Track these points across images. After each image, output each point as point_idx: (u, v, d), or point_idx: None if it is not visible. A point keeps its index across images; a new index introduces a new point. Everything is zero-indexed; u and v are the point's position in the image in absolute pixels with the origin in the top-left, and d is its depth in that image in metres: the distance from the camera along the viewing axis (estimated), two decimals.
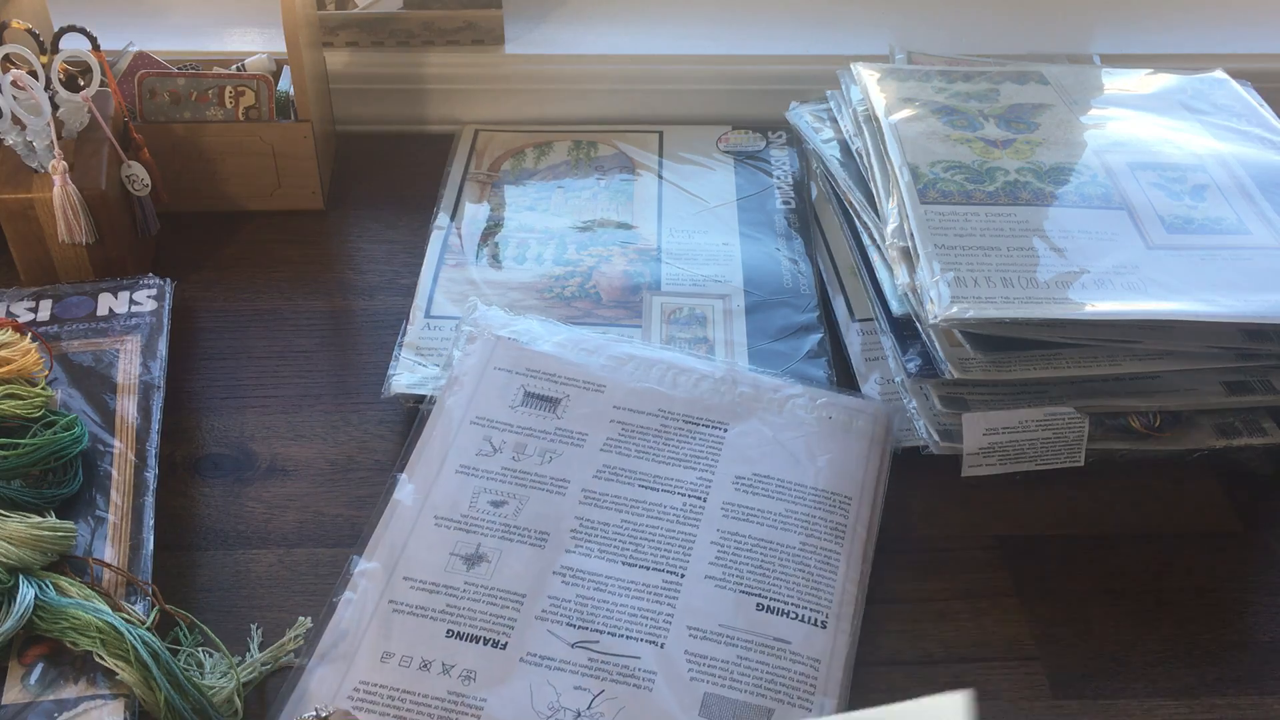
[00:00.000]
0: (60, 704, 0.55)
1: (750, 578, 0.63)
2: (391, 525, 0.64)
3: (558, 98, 1.01)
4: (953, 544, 0.68)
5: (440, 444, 0.68)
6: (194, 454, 0.72)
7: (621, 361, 0.73)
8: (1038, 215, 0.75)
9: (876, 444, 0.70)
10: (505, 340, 0.73)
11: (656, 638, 0.60)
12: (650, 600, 0.62)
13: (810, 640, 0.60)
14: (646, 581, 0.62)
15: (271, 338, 0.80)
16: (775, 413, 0.70)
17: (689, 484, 0.67)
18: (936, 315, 0.67)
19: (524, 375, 0.72)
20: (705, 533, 0.65)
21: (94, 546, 0.61)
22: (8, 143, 0.75)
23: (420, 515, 0.65)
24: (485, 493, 0.66)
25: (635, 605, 0.61)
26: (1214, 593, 0.66)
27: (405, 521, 0.64)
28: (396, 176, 0.97)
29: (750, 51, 1.00)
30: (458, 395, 0.70)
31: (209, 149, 0.87)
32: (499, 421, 0.69)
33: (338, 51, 0.98)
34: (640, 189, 0.93)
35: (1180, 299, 0.68)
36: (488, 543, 0.63)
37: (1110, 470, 0.72)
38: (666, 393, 0.71)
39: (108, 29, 0.86)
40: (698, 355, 0.75)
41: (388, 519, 0.65)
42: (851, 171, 0.84)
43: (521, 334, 0.74)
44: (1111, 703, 0.60)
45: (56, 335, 0.73)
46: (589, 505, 0.66)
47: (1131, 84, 0.91)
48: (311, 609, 0.63)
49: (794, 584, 0.63)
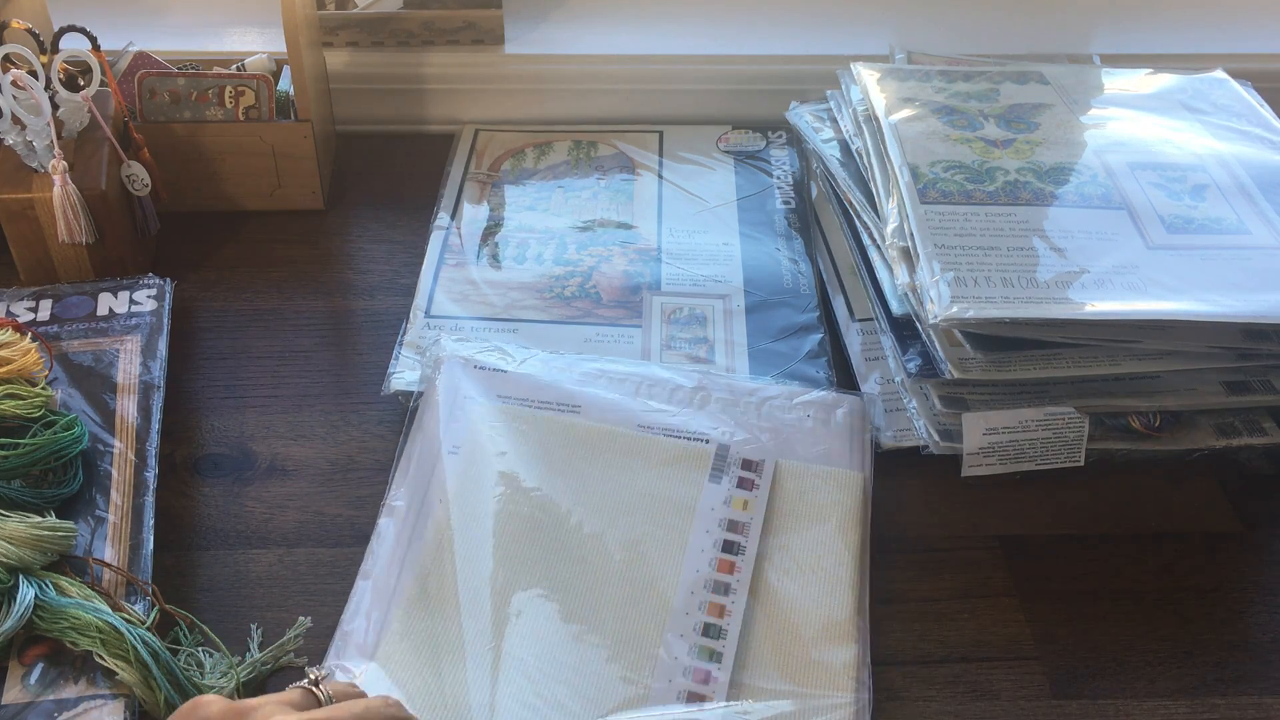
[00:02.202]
0: (60, 704, 0.55)
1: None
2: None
3: (558, 98, 1.01)
4: (953, 544, 0.68)
5: (418, 482, 0.67)
6: (194, 454, 0.72)
7: (593, 377, 0.72)
8: (1038, 215, 0.75)
9: (856, 434, 0.70)
10: (473, 367, 0.72)
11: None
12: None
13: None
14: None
15: (271, 338, 0.80)
16: (754, 416, 0.70)
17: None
18: (936, 315, 0.67)
19: (497, 401, 0.70)
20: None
21: (94, 546, 0.61)
22: (8, 143, 0.75)
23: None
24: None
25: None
26: (1214, 593, 0.66)
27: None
28: (396, 176, 0.97)
29: (750, 51, 1.00)
30: (432, 425, 0.69)
31: (209, 149, 0.87)
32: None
33: (338, 51, 0.98)
34: (640, 189, 0.93)
35: (1180, 299, 0.68)
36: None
37: (1110, 470, 0.72)
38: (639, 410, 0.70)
39: (108, 29, 0.86)
40: (669, 366, 0.74)
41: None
42: (851, 171, 0.84)
43: (490, 359, 0.72)
44: (1111, 703, 0.60)
45: (56, 335, 0.73)
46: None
47: (1131, 84, 0.91)
48: (311, 609, 0.63)
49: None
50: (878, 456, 0.70)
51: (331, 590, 0.64)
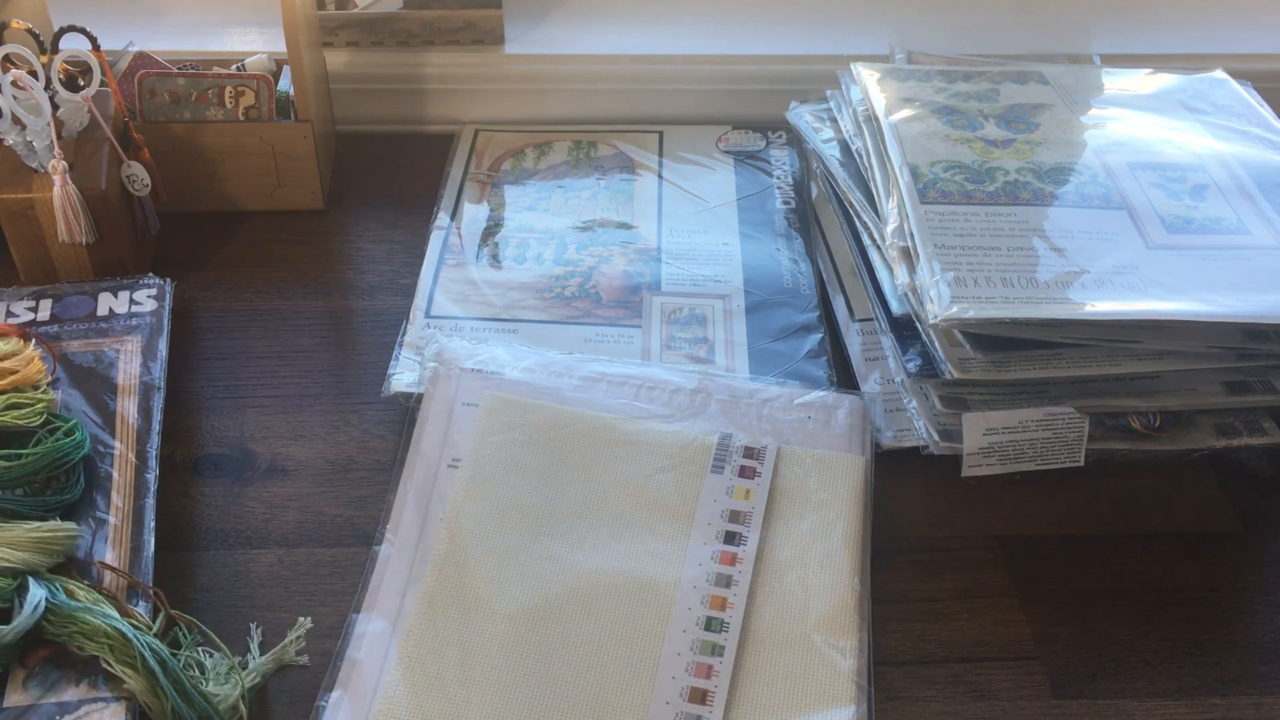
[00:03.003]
0: (62, 706, 0.55)
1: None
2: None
3: (558, 98, 1.01)
4: (953, 544, 0.68)
5: (419, 495, 0.66)
6: (194, 454, 0.72)
7: (593, 381, 0.72)
8: (1038, 215, 0.75)
9: (856, 433, 0.70)
10: (471, 372, 0.72)
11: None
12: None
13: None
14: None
15: (271, 338, 0.80)
16: (754, 418, 0.70)
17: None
18: (936, 315, 0.67)
19: (496, 406, 0.70)
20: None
21: (95, 549, 0.61)
22: (8, 143, 0.75)
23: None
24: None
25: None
26: (1214, 593, 0.66)
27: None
28: (396, 176, 0.97)
29: (750, 51, 1.00)
30: (431, 438, 0.69)
31: (209, 149, 0.87)
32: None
33: (338, 51, 0.98)
34: (640, 189, 0.93)
35: (1180, 299, 0.68)
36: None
37: (1110, 470, 0.72)
38: (644, 408, 0.70)
39: (108, 29, 0.86)
40: (669, 367, 0.74)
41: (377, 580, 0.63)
42: (851, 171, 0.84)
43: (487, 363, 0.72)
44: (1111, 703, 0.60)
45: (56, 335, 0.73)
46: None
47: (1131, 84, 0.91)
48: (311, 609, 0.63)
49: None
50: (878, 457, 0.70)
51: (331, 590, 0.64)
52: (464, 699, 0.57)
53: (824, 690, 0.58)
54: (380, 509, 0.67)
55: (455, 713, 0.57)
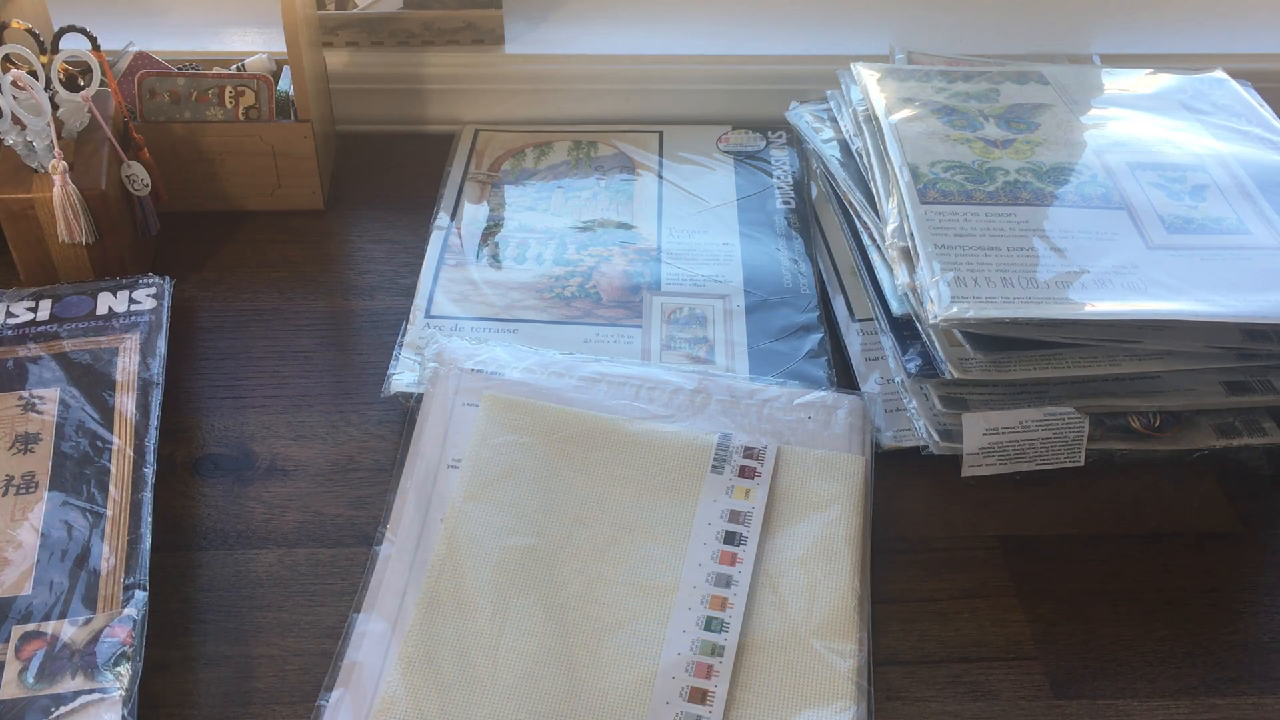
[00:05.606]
0: (57, 699, 0.55)
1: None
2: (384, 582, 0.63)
3: (558, 98, 1.01)
4: (953, 544, 0.68)
5: (419, 495, 0.66)
6: (194, 454, 0.72)
7: (593, 381, 0.71)
8: (1038, 215, 0.75)
9: (857, 433, 0.70)
10: (471, 373, 0.72)
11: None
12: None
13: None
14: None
15: (271, 338, 0.80)
16: (754, 418, 0.70)
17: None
18: (936, 315, 0.67)
19: (495, 407, 0.70)
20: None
21: (91, 542, 0.61)
22: (8, 143, 0.75)
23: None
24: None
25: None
26: (1214, 593, 0.66)
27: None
28: (396, 176, 0.97)
29: (750, 51, 1.00)
30: (431, 438, 0.69)
31: (209, 149, 0.87)
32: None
33: (338, 51, 0.98)
34: (640, 189, 0.93)
35: (1180, 299, 0.68)
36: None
37: (1110, 470, 0.72)
38: (644, 408, 0.70)
39: (108, 29, 0.86)
40: (669, 367, 0.74)
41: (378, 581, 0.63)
42: (851, 171, 0.84)
43: (487, 364, 0.72)
44: (1112, 703, 0.60)
45: (56, 334, 0.73)
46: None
47: (1131, 84, 0.91)
48: (311, 608, 0.63)
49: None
50: (878, 457, 0.70)
51: (331, 590, 0.64)
52: (464, 699, 0.57)
53: (824, 690, 0.58)
54: (380, 509, 0.67)
55: (455, 713, 0.57)
